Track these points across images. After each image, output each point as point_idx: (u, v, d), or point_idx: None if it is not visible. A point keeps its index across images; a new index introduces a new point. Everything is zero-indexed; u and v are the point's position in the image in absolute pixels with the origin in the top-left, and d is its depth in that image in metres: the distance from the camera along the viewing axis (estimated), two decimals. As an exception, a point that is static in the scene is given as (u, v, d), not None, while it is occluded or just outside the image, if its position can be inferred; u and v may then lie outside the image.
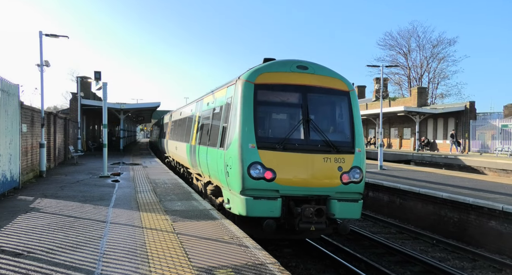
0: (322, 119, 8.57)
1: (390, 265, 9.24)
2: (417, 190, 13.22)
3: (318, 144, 8.07)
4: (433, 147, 37.19)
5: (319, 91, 8.44)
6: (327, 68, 8.75)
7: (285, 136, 7.98)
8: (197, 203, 9.82)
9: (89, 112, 32.57)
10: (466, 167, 25.81)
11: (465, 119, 34.17)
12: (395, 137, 43.31)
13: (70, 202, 9.64)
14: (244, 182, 7.72)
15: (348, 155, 8.12)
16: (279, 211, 7.72)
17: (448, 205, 12.01)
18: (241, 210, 7.86)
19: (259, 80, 8.17)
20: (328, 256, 9.23)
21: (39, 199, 10.01)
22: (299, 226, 7.61)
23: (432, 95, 54.32)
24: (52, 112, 19.99)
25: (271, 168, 7.72)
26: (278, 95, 8.42)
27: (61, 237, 6.49)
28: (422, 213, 13.06)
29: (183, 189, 12.15)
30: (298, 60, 8.61)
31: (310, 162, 7.88)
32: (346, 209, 8.00)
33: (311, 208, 7.60)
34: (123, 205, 9.38)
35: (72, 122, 26.21)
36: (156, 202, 9.92)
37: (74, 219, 7.85)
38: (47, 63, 16.53)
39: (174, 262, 5.32)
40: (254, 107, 8.02)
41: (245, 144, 7.79)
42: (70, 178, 14.57)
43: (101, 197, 10.43)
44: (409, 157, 31.73)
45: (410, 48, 56.23)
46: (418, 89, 41.72)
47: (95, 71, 16.12)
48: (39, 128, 15.61)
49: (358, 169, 8.11)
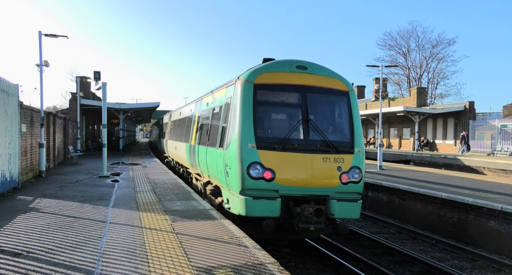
0: (321, 119, 8.55)
1: (389, 265, 9.26)
2: (417, 190, 13.23)
3: (317, 144, 8.06)
4: (432, 147, 37.24)
5: (319, 91, 8.42)
6: (327, 68, 8.74)
7: (285, 136, 7.97)
8: (196, 203, 9.83)
9: (88, 112, 32.59)
10: (465, 167, 25.85)
11: (464, 119, 34.23)
12: (394, 137, 43.35)
13: (70, 202, 9.65)
14: (243, 182, 7.70)
15: (347, 155, 8.10)
16: (279, 211, 7.70)
17: (447, 205, 12.02)
18: (240, 210, 7.85)
19: (259, 80, 8.17)
20: (327, 256, 9.25)
21: (38, 199, 10.02)
22: (299, 226, 7.59)
23: (431, 95, 54.40)
24: (52, 112, 19.99)
25: (271, 168, 7.71)
26: (277, 95, 8.41)
27: (61, 237, 6.50)
28: (422, 213, 13.07)
29: (183, 189, 12.15)
30: (297, 60, 8.59)
31: (310, 162, 7.86)
32: (345, 209, 7.98)
33: (310, 208, 7.58)
34: (123, 205, 9.38)
35: (72, 122, 26.22)
36: (155, 202, 9.92)
37: (73, 219, 7.85)
38: (46, 63, 16.55)
39: (174, 262, 5.33)
40: (254, 107, 8.01)
41: (245, 144, 7.78)
42: (70, 178, 14.58)
43: (101, 197, 10.43)
44: (409, 157, 31.77)
45: (409, 48, 56.37)
46: (417, 89, 41.77)
47: (94, 71, 16.16)
48: (38, 128, 15.63)
49: (358, 169, 8.08)
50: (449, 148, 35.42)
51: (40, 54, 16.16)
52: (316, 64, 8.71)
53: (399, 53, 57.11)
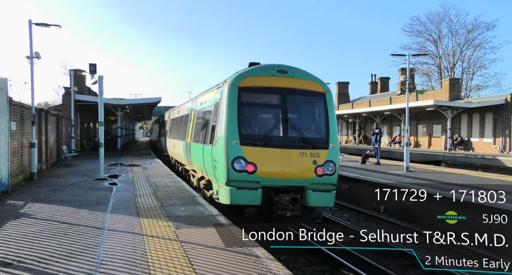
0: (299, 118, 10.52)
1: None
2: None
3: (295, 140, 9.91)
4: (467, 146, 36.76)
5: (297, 92, 10.37)
6: (305, 71, 10.71)
7: (265, 134, 9.90)
8: (202, 208, 9.90)
9: (83, 108, 32.98)
10: (506, 168, 25.44)
11: (505, 114, 33.62)
12: (423, 135, 42.93)
13: (64, 207, 9.78)
14: (228, 174, 9.57)
15: (322, 150, 9.96)
16: (260, 200, 9.58)
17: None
18: (226, 199, 9.73)
19: (243, 83, 10.12)
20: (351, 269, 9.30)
21: (30, 204, 10.17)
22: (277, 213, 9.51)
23: (466, 87, 53.59)
24: (44, 109, 20.25)
25: (253, 162, 9.58)
26: (259, 97, 10.44)
27: (54, 245, 6.59)
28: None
29: (187, 193, 12.24)
30: (279, 64, 10.54)
31: (288, 156, 9.71)
32: (320, 198, 9.87)
33: (286, 196, 9.49)
34: (122, 210, 9.49)
35: (65, 119, 26.54)
36: (157, 207, 10.02)
37: (68, 225, 7.96)
38: (37, 55, 16.72)
39: (178, 273, 5.37)
40: (238, 108, 9.96)
41: (230, 141, 9.70)
42: (64, 181, 14.77)
43: (98, 202, 10.56)
44: (440, 158, 31.42)
45: (440, 34, 55.48)
46: (450, 81, 41.28)
47: (90, 63, 16.45)
48: (29, 126, 15.83)
49: (332, 163, 9.95)
50: (487, 147, 34.92)
51: (31, 45, 16.31)
52: (296, 68, 10.65)
53: (429, 40, 56.36)
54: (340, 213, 15.90)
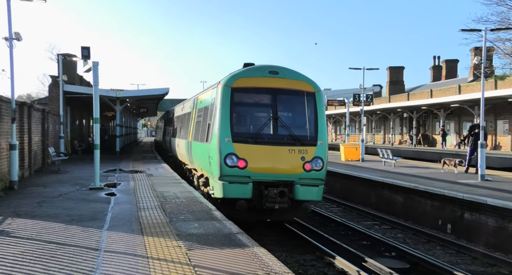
0: (289, 117, 13.39)
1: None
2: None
3: (284, 138, 12.81)
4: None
5: (287, 92, 13.32)
6: (296, 72, 13.63)
7: (256, 132, 12.90)
8: (220, 225, 9.92)
9: (74, 102, 33.43)
10: None
11: None
12: (504, 133, 41.87)
13: (51, 223, 9.95)
14: (221, 169, 12.44)
15: (311, 147, 12.80)
16: (250, 193, 12.38)
17: None
18: (219, 192, 12.59)
19: (236, 84, 12.97)
20: None
21: (9, 219, 10.38)
22: (266, 205, 12.29)
23: None
24: (26, 103, 20.61)
25: (244, 158, 12.42)
26: (251, 97, 13.46)
27: (39, 270, 6.69)
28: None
29: (201, 206, 12.31)
30: (271, 65, 13.50)
31: (277, 153, 12.61)
32: (307, 192, 12.70)
33: (274, 190, 12.27)
34: (122, 227, 9.59)
35: (53, 115, 26.99)
36: (165, 222, 10.09)
37: (56, 246, 8.08)
38: (18, 36, 16.68)
39: (191, 305, 5.37)
40: (231, 108, 12.81)
41: (223, 138, 12.52)
42: (51, 191, 15.03)
43: (92, 216, 10.71)
44: (527, 163, 30.55)
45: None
46: (538, 63, 40.13)
47: (82, 46, 16.34)
48: (8, 124, 16.02)
49: (320, 159, 12.79)
50: None
51: (9, 24, 16.09)
52: (287, 69, 13.58)
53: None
54: (393, 232, 15.71)
